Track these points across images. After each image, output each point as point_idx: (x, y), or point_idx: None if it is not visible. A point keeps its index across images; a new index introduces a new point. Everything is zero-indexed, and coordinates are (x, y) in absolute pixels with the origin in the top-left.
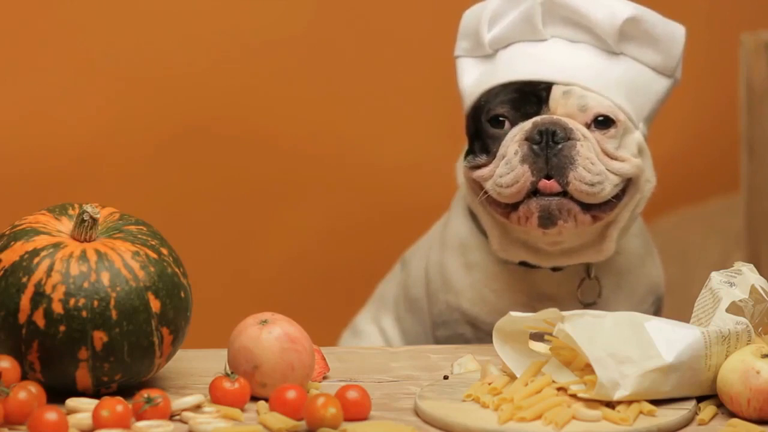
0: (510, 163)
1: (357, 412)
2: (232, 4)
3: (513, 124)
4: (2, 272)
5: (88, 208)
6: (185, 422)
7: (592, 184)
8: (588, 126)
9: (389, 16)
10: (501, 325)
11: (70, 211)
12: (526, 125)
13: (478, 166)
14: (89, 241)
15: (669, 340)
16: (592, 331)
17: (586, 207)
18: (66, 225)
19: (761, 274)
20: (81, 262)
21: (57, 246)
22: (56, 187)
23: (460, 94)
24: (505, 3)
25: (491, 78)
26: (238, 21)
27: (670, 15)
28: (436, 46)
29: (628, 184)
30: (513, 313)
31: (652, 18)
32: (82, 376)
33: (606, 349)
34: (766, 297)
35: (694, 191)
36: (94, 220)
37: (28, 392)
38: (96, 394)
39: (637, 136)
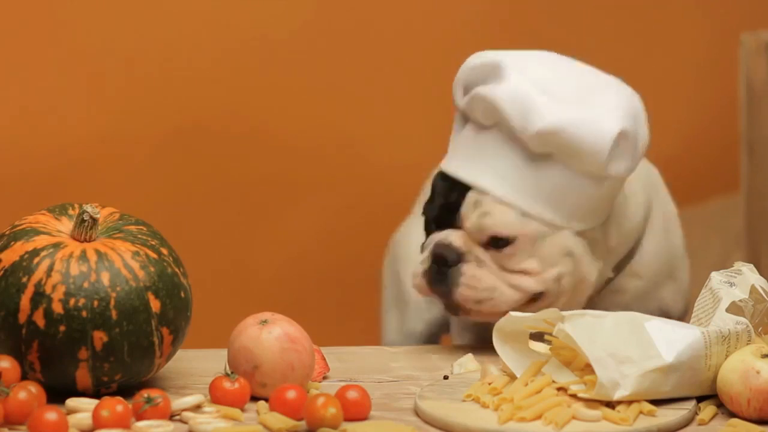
0: (417, 276)
1: (357, 412)
2: (232, 4)
3: (439, 228)
4: (2, 272)
5: (88, 208)
6: (185, 422)
7: (479, 301)
8: (485, 245)
9: (389, 15)
10: (501, 325)
11: (70, 211)
12: (430, 244)
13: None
14: (89, 241)
15: (669, 340)
16: (592, 331)
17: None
18: (66, 225)
19: (761, 274)
20: (81, 262)
21: (57, 246)
22: (56, 187)
23: None
24: (474, 74)
25: (447, 156)
26: (238, 20)
27: (671, 15)
28: (436, 46)
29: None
30: (513, 313)
31: (571, 128)
32: (82, 376)
33: (606, 349)
34: (766, 297)
35: (694, 191)
36: (94, 220)
37: (28, 392)
38: (96, 394)
39: (560, 239)
